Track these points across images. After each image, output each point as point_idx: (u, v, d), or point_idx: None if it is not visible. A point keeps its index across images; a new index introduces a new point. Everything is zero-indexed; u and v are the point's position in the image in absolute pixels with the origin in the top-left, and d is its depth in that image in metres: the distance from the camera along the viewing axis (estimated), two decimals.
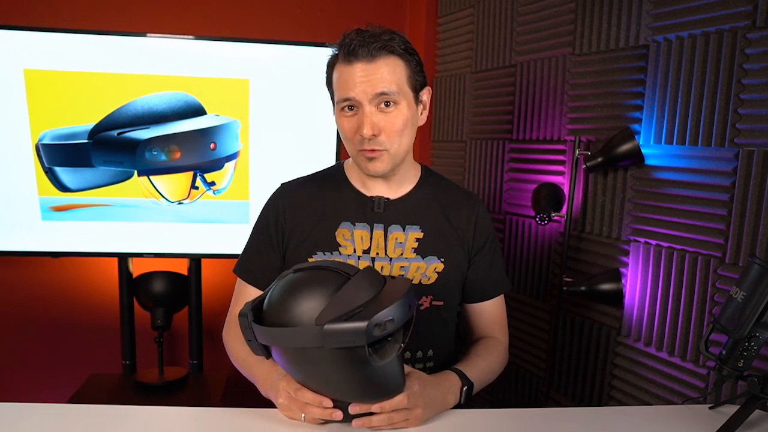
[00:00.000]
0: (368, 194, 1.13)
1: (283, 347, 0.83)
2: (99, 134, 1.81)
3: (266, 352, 0.86)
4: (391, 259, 1.10)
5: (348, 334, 0.75)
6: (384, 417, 0.88)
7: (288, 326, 0.79)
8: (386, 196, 1.13)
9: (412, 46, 1.07)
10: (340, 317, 0.76)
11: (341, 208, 1.12)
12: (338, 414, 0.87)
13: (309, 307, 0.79)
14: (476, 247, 1.16)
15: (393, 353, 0.83)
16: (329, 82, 1.09)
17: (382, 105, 1.02)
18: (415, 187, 1.16)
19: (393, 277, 0.90)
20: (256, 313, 0.85)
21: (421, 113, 1.11)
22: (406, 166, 1.14)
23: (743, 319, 0.89)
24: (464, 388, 1.01)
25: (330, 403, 0.87)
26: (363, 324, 0.74)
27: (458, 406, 1.01)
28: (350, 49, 1.01)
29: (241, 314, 0.84)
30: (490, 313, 1.21)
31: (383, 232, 1.11)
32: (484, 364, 1.12)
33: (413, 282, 1.11)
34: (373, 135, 1.01)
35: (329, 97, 1.13)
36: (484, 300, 1.20)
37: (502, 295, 1.22)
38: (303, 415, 0.90)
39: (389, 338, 0.85)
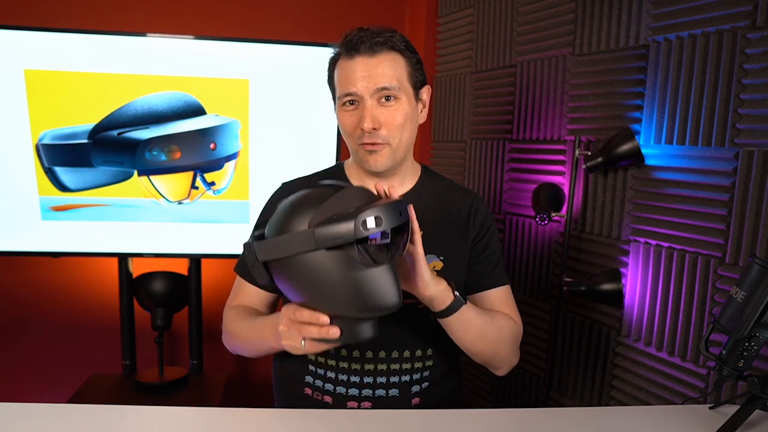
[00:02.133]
0: None
1: (281, 263, 0.85)
2: (99, 134, 1.81)
3: (268, 275, 0.88)
4: None
5: (337, 232, 0.78)
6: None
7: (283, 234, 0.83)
8: None
9: (413, 45, 1.09)
10: (330, 219, 0.80)
11: None
12: (335, 331, 0.87)
13: (303, 216, 0.82)
14: (477, 235, 1.16)
15: (385, 259, 0.86)
16: (330, 80, 1.11)
17: (383, 99, 1.04)
18: (414, 186, 1.17)
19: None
20: (258, 238, 0.89)
21: (421, 111, 1.13)
22: (406, 166, 1.14)
23: (743, 319, 0.89)
24: (454, 284, 1.00)
25: (326, 320, 0.87)
26: (351, 222, 0.78)
27: (448, 311, 0.99)
28: (352, 44, 1.03)
29: (245, 242, 0.88)
30: (496, 299, 1.18)
31: None
32: (484, 313, 1.09)
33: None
34: (374, 128, 1.02)
35: (329, 97, 1.14)
36: (489, 288, 1.18)
37: (509, 288, 1.21)
38: (303, 342, 0.89)
39: (384, 245, 0.88)
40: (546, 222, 1.56)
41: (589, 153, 1.53)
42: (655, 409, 1.20)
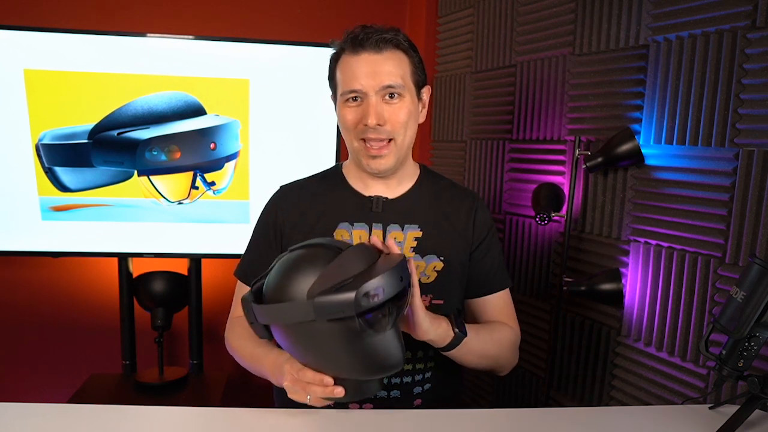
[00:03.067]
0: (366, 194, 1.14)
1: (280, 324, 0.84)
2: (99, 134, 1.81)
3: (268, 333, 0.88)
4: None
5: (337, 304, 0.76)
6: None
7: (283, 302, 0.81)
8: (384, 195, 1.13)
9: (414, 44, 1.09)
10: (330, 289, 0.78)
11: (339, 209, 1.13)
12: (339, 391, 0.87)
13: (302, 282, 0.81)
14: (477, 239, 1.16)
15: (387, 326, 0.84)
16: (332, 76, 1.09)
17: (387, 97, 1.03)
18: (413, 186, 1.16)
19: (388, 254, 0.90)
20: (256, 295, 0.87)
21: (421, 111, 1.13)
22: (405, 166, 1.14)
23: (743, 319, 0.89)
24: (454, 318, 1.01)
25: (331, 381, 0.87)
26: (351, 294, 0.75)
27: (449, 347, 1.01)
28: (357, 40, 1.02)
29: (243, 299, 0.86)
30: (496, 305, 1.20)
31: (382, 232, 1.11)
32: (482, 329, 1.11)
33: None
34: (378, 124, 1.02)
35: (329, 97, 1.13)
36: (488, 294, 1.19)
37: (508, 291, 1.22)
38: (309, 396, 0.90)
39: (385, 312, 0.86)
40: (546, 222, 1.56)
41: (589, 153, 1.53)
42: (655, 409, 1.20)
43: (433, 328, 0.97)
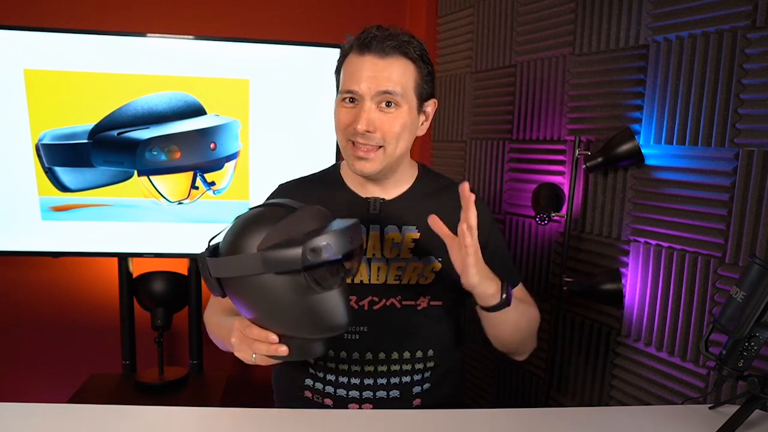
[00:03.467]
0: (363, 195, 1.13)
1: (233, 281, 0.85)
2: (99, 134, 1.81)
3: (221, 289, 0.89)
4: (387, 260, 1.10)
5: (285, 258, 0.78)
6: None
7: (233, 255, 0.83)
8: (382, 196, 1.13)
9: (429, 55, 1.07)
10: (279, 243, 0.80)
11: (336, 210, 1.12)
12: (284, 349, 0.88)
13: (255, 237, 0.82)
14: (479, 242, 1.15)
15: (334, 285, 0.85)
16: (338, 70, 1.09)
17: (383, 104, 1.02)
18: (411, 186, 1.16)
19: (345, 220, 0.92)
20: (212, 251, 0.89)
21: (422, 123, 1.11)
22: (402, 168, 1.13)
23: (743, 319, 0.89)
24: (505, 285, 1.01)
25: (275, 339, 0.88)
26: (299, 249, 0.77)
27: (497, 307, 1.00)
28: (365, 41, 1.01)
29: (199, 254, 0.89)
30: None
31: (379, 234, 1.11)
32: (522, 305, 1.12)
33: (411, 283, 1.11)
34: (367, 131, 1.01)
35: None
36: None
37: (521, 284, 1.21)
38: (254, 355, 0.91)
39: (333, 271, 0.87)
40: (546, 222, 1.56)
41: (589, 153, 1.53)
42: (655, 409, 1.20)
43: (481, 286, 0.97)
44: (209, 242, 0.92)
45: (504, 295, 0.99)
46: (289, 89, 1.88)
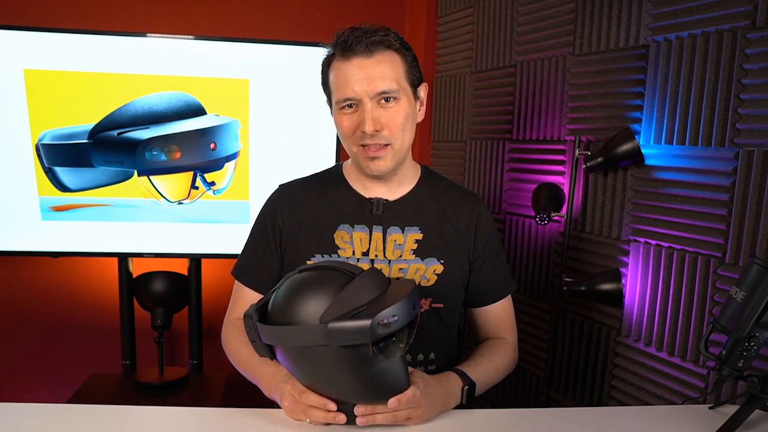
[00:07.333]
0: (367, 196, 1.13)
1: (288, 347, 0.83)
2: (99, 134, 1.81)
3: (271, 353, 0.86)
4: (390, 261, 1.10)
5: (352, 331, 0.75)
6: (388, 415, 0.88)
7: (292, 325, 0.80)
8: (385, 197, 1.13)
9: (407, 41, 1.07)
10: (344, 315, 0.76)
11: (340, 210, 1.12)
12: (341, 418, 0.87)
13: (313, 305, 0.79)
14: (478, 249, 1.16)
15: (397, 353, 0.83)
16: (325, 83, 1.08)
17: (383, 101, 1.02)
18: (414, 187, 1.16)
19: (398, 279, 0.90)
20: (260, 313, 0.85)
21: (419, 109, 1.11)
22: (406, 167, 1.13)
23: (743, 319, 0.89)
24: (465, 388, 1.01)
25: (334, 406, 0.87)
26: (367, 322, 0.74)
27: (460, 406, 1.01)
28: (347, 44, 1.00)
29: (246, 315, 0.84)
30: (496, 315, 1.20)
31: (382, 234, 1.11)
32: (489, 364, 1.11)
33: None
34: (376, 131, 1.01)
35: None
36: (490, 303, 1.19)
37: (510, 298, 1.22)
38: (308, 419, 0.90)
39: (393, 338, 0.85)
40: (546, 222, 1.56)
41: (589, 153, 1.53)
42: (654, 409, 1.20)
43: (444, 411, 0.97)
44: (257, 303, 0.87)
45: (464, 399, 1.00)
46: (289, 89, 1.88)
